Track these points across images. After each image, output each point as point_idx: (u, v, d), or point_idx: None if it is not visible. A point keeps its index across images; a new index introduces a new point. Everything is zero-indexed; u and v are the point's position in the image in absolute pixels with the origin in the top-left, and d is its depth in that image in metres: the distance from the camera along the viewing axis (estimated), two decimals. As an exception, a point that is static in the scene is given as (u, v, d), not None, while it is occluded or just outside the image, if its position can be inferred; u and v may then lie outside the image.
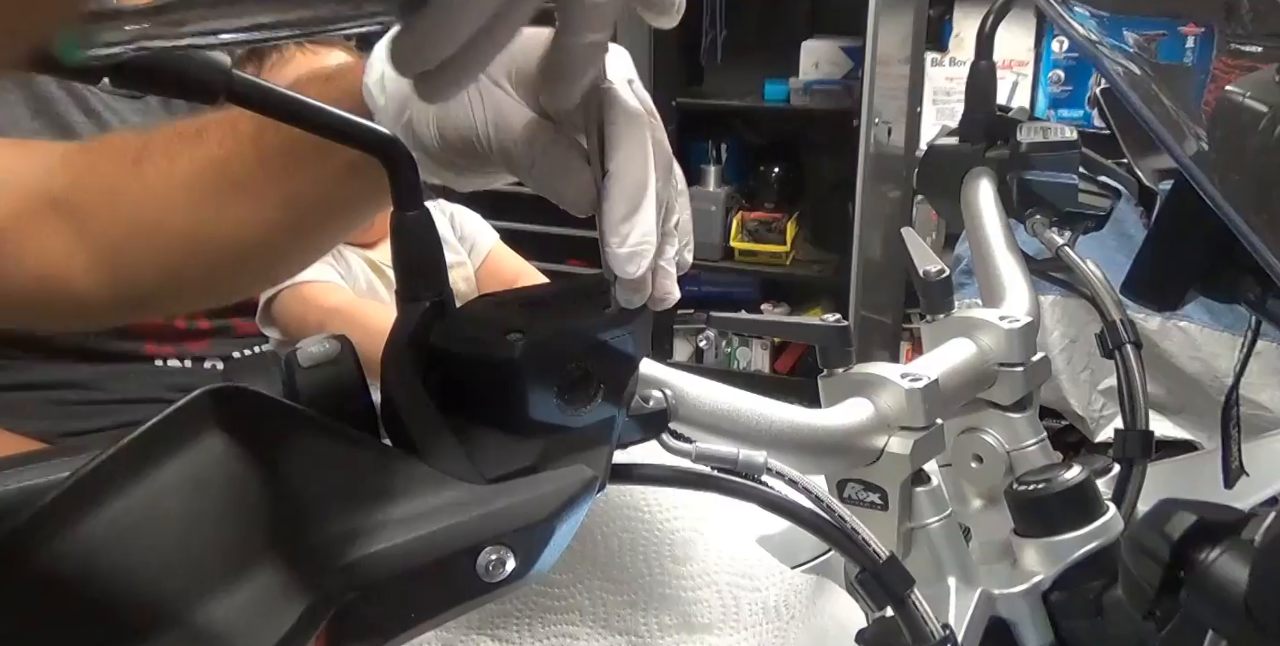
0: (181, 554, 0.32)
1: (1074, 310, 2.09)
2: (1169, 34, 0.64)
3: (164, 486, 0.32)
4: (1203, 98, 0.62)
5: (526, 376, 0.39)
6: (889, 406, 0.59)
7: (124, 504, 0.31)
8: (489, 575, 0.37)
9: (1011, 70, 2.69)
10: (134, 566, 0.31)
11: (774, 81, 2.91)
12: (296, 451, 0.35)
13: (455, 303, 0.46)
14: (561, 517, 0.39)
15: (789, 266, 3.01)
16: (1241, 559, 0.39)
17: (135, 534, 0.31)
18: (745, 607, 0.67)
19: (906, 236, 0.74)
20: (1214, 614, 0.40)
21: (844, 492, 0.61)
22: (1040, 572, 0.64)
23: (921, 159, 0.90)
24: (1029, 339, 0.69)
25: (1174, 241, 0.67)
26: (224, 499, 0.33)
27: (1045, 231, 0.80)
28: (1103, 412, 2.18)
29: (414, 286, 0.45)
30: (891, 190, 2.86)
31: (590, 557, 0.67)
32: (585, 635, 0.66)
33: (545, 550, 0.38)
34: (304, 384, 0.39)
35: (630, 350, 0.42)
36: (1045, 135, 0.81)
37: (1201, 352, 2.04)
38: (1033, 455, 0.71)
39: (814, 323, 0.65)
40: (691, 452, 0.46)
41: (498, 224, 1.36)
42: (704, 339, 3.15)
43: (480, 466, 0.39)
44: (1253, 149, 0.52)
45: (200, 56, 0.40)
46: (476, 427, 0.40)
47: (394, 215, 0.45)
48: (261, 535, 0.33)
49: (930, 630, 0.49)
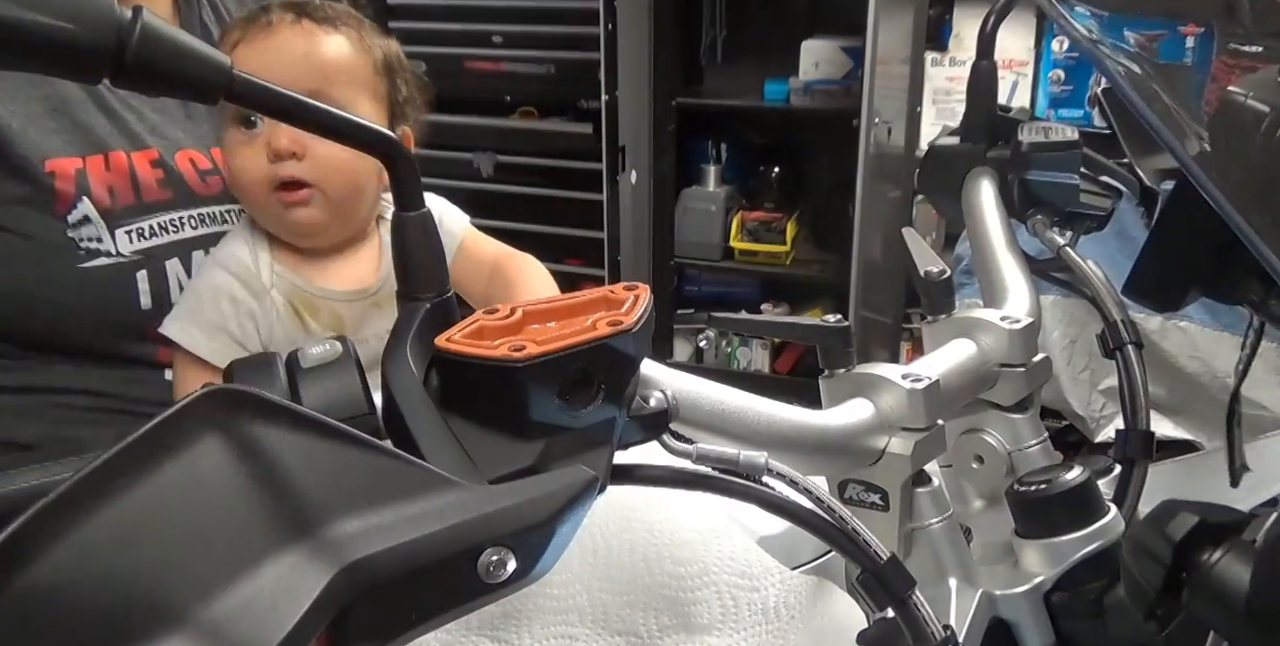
0: (181, 555, 0.32)
1: (1074, 310, 2.09)
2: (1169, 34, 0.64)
3: (164, 487, 0.32)
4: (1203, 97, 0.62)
5: (528, 378, 0.39)
6: (890, 407, 0.59)
7: (125, 504, 0.31)
8: (490, 576, 0.37)
9: (1011, 70, 2.69)
10: (134, 567, 0.31)
11: (774, 81, 2.91)
12: (297, 452, 0.35)
13: (457, 303, 0.46)
14: (562, 518, 0.38)
15: (789, 266, 3.01)
16: (1243, 560, 0.39)
17: (136, 535, 0.31)
18: (745, 608, 0.67)
19: (907, 236, 0.74)
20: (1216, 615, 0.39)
21: (845, 493, 0.61)
22: (1041, 573, 0.63)
23: (922, 159, 0.90)
24: (1030, 339, 0.69)
25: (1175, 241, 0.67)
26: (224, 500, 0.33)
27: (1046, 231, 0.80)
28: (1103, 413, 2.18)
29: (414, 286, 0.45)
30: (891, 190, 2.86)
31: (590, 558, 0.67)
32: (585, 635, 0.66)
33: (546, 551, 0.38)
34: (305, 384, 0.39)
35: (630, 351, 0.42)
36: (1046, 135, 0.81)
37: (1202, 352, 2.04)
38: (1034, 456, 0.71)
39: (814, 323, 0.64)
40: (692, 453, 0.46)
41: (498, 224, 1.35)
42: (704, 339, 3.15)
43: (480, 467, 0.39)
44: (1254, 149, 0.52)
45: (200, 56, 0.40)
46: (476, 428, 0.40)
47: (395, 215, 0.45)
48: (262, 536, 0.33)
49: (931, 631, 0.49)
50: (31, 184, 0.95)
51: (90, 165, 0.98)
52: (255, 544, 0.33)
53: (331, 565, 0.34)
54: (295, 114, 0.42)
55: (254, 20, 0.97)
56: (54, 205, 0.96)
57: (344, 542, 0.34)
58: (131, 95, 1.02)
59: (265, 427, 0.35)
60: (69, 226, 0.96)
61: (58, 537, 0.30)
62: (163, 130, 1.05)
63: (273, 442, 0.35)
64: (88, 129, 0.99)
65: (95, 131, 0.99)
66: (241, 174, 0.97)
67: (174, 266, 1.02)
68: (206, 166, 1.07)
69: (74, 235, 0.96)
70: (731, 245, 3.00)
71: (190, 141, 1.07)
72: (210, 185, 1.07)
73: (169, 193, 1.03)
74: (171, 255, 1.02)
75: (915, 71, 2.81)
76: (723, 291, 3.20)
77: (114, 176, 0.99)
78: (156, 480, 0.32)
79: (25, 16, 0.36)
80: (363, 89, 0.98)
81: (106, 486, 0.31)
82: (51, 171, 0.96)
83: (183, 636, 0.30)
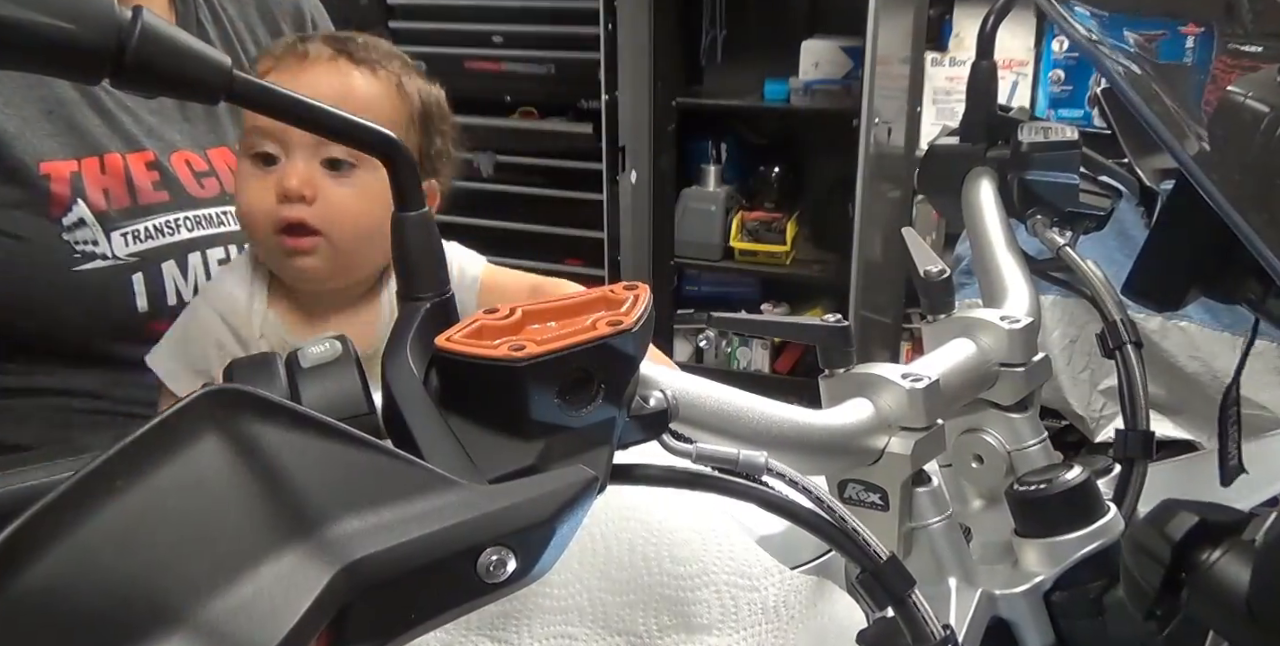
0: (181, 554, 0.32)
1: (1074, 310, 2.09)
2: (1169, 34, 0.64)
3: (164, 487, 0.32)
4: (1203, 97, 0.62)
5: (528, 378, 0.39)
6: (890, 407, 0.59)
7: (124, 504, 0.31)
8: (490, 576, 0.37)
9: (1011, 70, 2.69)
10: (134, 567, 0.31)
11: (774, 81, 2.91)
12: (296, 452, 0.35)
13: (457, 303, 0.46)
14: (562, 518, 0.38)
15: (789, 266, 3.01)
16: (1243, 559, 0.39)
17: (135, 535, 0.31)
18: (744, 608, 0.67)
19: (907, 236, 0.74)
20: (1215, 614, 0.40)
21: (845, 493, 0.61)
22: (1041, 573, 0.63)
23: (922, 159, 0.90)
24: (1030, 339, 0.69)
25: (1175, 241, 0.67)
26: (224, 499, 0.33)
27: (1046, 231, 0.80)
28: (1103, 412, 2.18)
29: (414, 286, 0.45)
30: (891, 190, 2.86)
31: (590, 558, 0.66)
32: (585, 635, 0.66)
33: (546, 550, 0.38)
34: (304, 384, 0.39)
35: (630, 351, 0.42)
36: (1046, 135, 0.81)
37: (1201, 352, 2.04)
38: (1034, 455, 0.71)
39: (814, 323, 0.64)
40: (692, 453, 0.46)
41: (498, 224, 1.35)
42: (704, 339, 3.15)
43: (480, 466, 0.39)
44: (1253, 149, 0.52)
45: (200, 56, 0.40)
46: (476, 427, 0.40)
47: (394, 215, 0.45)
48: (262, 535, 0.33)
49: (931, 630, 0.49)
50: (27, 187, 0.95)
51: (85, 167, 0.98)
52: (255, 543, 0.33)
53: (331, 564, 0.34)
54: (295, 114, 0.42)
55: (290, 49, 0.93)
56: (49, 208, 0.96)
57: (344, 542, 0.34)
58: (127, 97, 1.02)
59: (265, 427, 0.35)
60: (64, 229, 0.96)
61: (57, 538, 0.30)
62: (159, 132, 1.05)
63: (272, 442, 0.35)
64: (83, 131, 0.99)
65: (91, 134, 0.99)
66: (249, 210, 0.94)
67: (170, 268, 1.02)
68: (203, 168, 1.07)
69: (69, 238, 0.96)
70: (731, 245, 3.00)
71: (187, 143, 1.07)
72: (206, 187, 1.06)
73: (165, 195, 1.03)
74: (167, 257, 1.02)
75: (915, 71, 2.81)
76: (723, 291, 3.20)
77: (109, 179, 0.99)
78: (156, 480, 0.32)
79: (25, 16, 0.36)
80: None
81: (106, 486, 0.31)
82: (47, 174, 0.96)
83: (183, 636, 0.30)
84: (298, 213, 0.91)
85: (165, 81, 0.39)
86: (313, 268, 0.94)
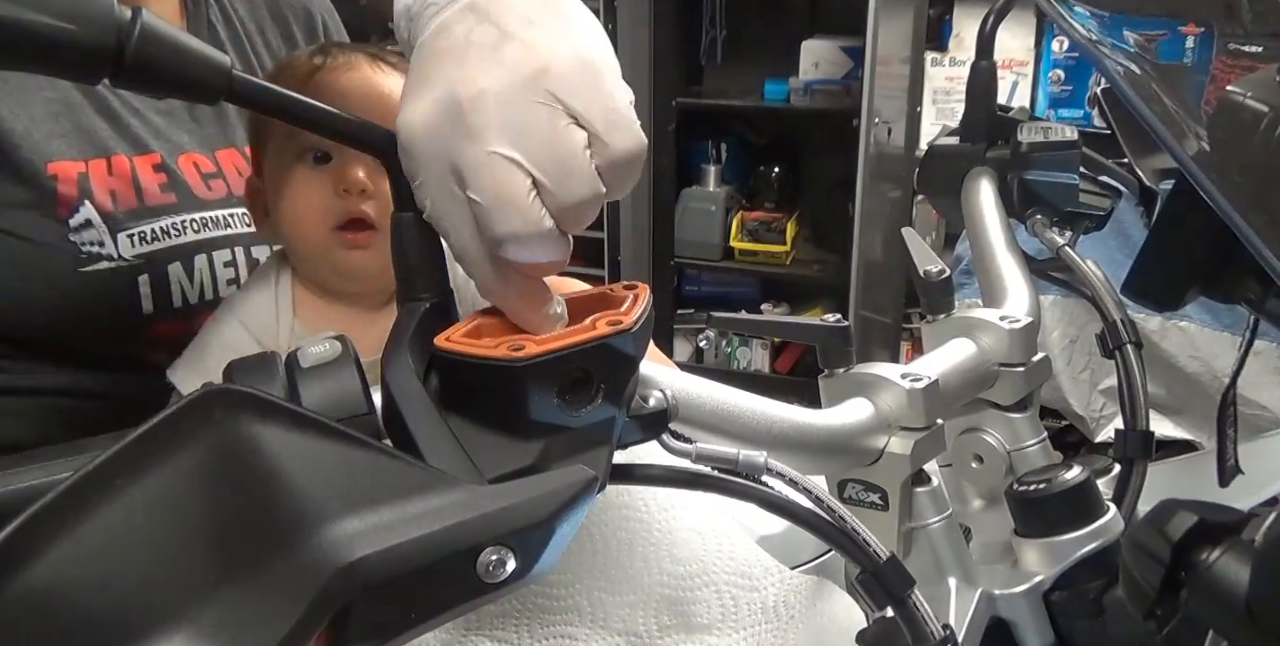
0: (180, 554, 0.32)
1: (1074, 310, 2.09)
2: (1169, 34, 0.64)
3: (163, 487, 0.32)
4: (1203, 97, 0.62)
5: (527, 378, 0.39)
6: (889, 406, 0.59)
7: (124, 504, 0.31)
8: (489, 575, 0.37)
9: (1011, 70, 2.69)
10: (133, 567, 0.31)
11: (774, 81, 2.91)
12: (296, 452, 0.35)
13: (457, 303, 0.46)
14: (562, 518, 0.38)
15: (789, 266, 3.01)
16: (1242, 559, 0.39)
17: (135, 535, 0.31)
18: (744, 608, 0.67)
19: (906, 236, 0.74)
20: (1215, 614, 0.39)
21: (844, 493, 0.61)
22: (1041, 573, 0.63)
23: (922, 159, 0.90)
24: (1030, 339, 0.69)
25: (1174, 241, 0.67)
26: (224, 499, 0.33)
27: (1046, 231, 0.80)
28: (1103, 412, 2.18)
29: (413, 287, 0.46)
30: (891, 190, 2.86)
31: (589, 557, 0.66)
32: (584, 635, 0.66)
33: (546, 550, 0.38)
34: (304, 384, 0.39)
35: (630, 350, 0.42)
36: (1046, 135, 0.81)
37: (1201, 352, 2.04)
38: (1033, 455, 0.71)
39: (814, 323, 0.64)
40: (692, 453, 0.46)
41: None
42: (704, 339, 3.15)
43: (480, 466, 0.39)
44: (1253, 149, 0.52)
45: (200, 56, 0.40)
46: (476, 427, 0.40)
47: (394, 215, 0.45)
48: (262, 536, 0.33)
49: (931, 630, 0.49)
50: (34, 187, 0.95)
51: (93, 169, 0.98)
52: (254, 543, 0.33)
53: (331, 564, 0.34)
54: (295, 114, 0.42)
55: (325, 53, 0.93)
56: (56, 209, 0.96)
57: (343, 542, 0.34)
58: (135, 98, 1.01)
59: (264, 427, 0.35)
60: (70, 230, 0.96)
61: (56, 538, 0.30)
62: (166, 134, 1.05)
63: (272, 442, 0.34)
64: (90, 132, 0.99)
65: (98, 135, 0.99)
66: (305, 212, 0.92)
67: (176, 270, 1.02)
68: (210, 170, 1.07)
69: (75, 239, 0.96)
70: (731, 245, 3.00)
71: (194, 145, 1.07)
72: (214, 189, 1.06)
73: (172, 196, 1.03)
74: (174, 259, 1.02)
75: (915, 71, 2.81)
76: (723, 291, 3.20)
77: (116, 180, 0.99)
78: (155, 480, 0.32)
79: (25, 16, 0.36)
80: None
81: (105, 486, 0.31)
82: (54, 175, 0.96)
83: (182, 636, 0.30)
84: (361, 206, 0.91)
85: (165, 81, 0.39)
86: (368, 263, 0.94)
